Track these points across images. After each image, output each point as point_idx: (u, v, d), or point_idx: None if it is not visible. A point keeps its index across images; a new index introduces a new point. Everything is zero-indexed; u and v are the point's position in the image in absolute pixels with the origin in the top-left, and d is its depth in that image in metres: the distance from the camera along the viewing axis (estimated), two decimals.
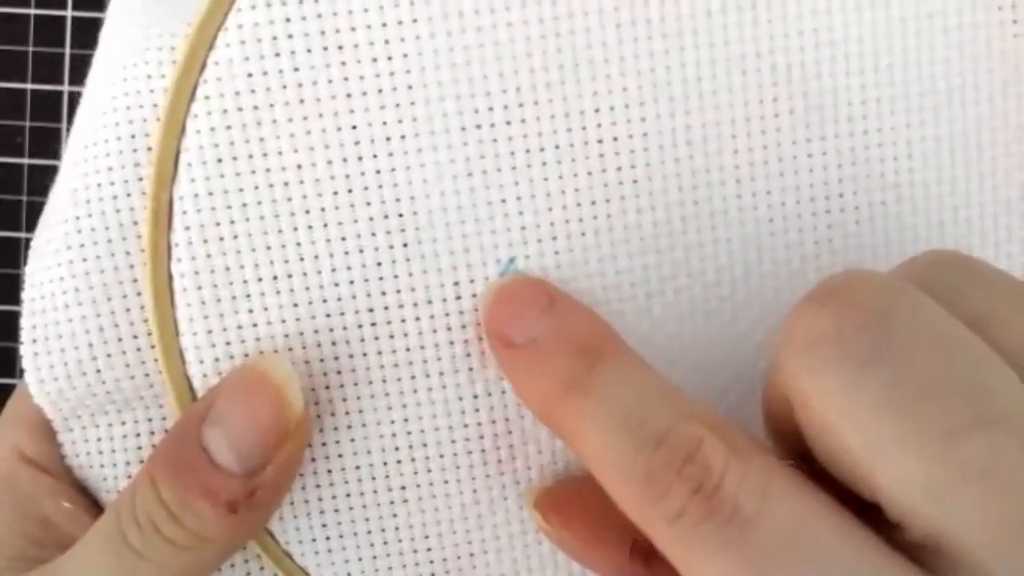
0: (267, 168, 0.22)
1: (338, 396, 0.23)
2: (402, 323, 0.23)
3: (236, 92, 0.22)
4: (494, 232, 0.23)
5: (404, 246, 0.23)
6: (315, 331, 0.23)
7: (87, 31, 0.50)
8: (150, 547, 0.21)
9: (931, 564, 0.16)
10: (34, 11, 0.50)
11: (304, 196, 0.23)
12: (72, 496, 0.24)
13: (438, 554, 0.24)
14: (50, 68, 0.50)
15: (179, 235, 0.23)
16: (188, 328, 0.23)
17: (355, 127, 0.22)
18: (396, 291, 0.23)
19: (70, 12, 0.50)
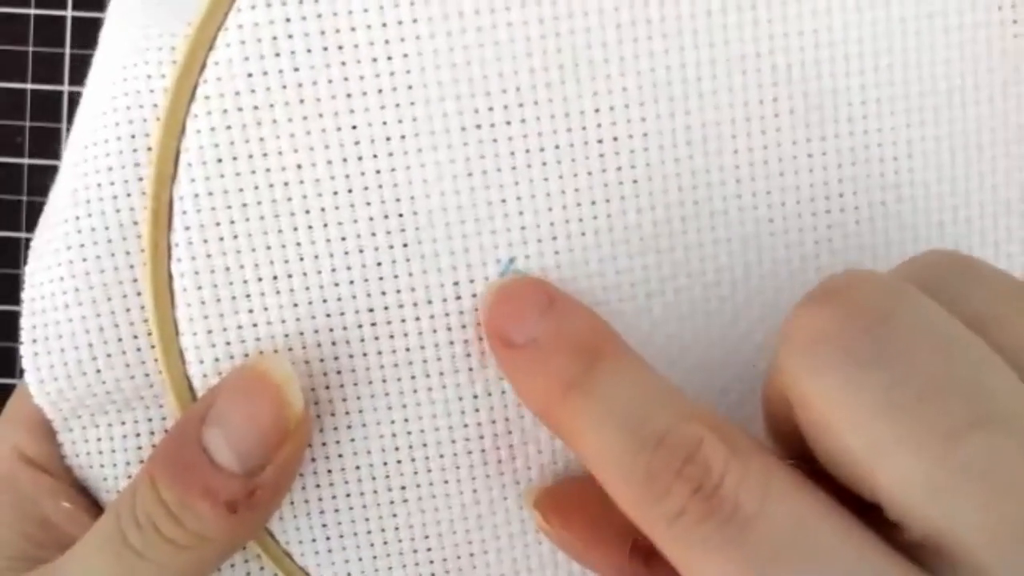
0: (267, 168, 0.22)
1: (338, 396, 0.23)
2: (402, 323, 0.23)
3: (236, 92, 0.22)
4: (494, 232, 0.23)
5: (404, 246, 0.23)
6: (315, 331, 0.23)
7: (87, 31, 0.50)
8: (150, 547, 0.21)
9: (931, 564, 0.16)
10: (34, 11, 0.50)
11: (304, 196, 0.23)
12: (72, 496, 0.24)
13: (438, 554, 0.24)
14: (50, 68, 0.50)
15: (179, 235, 0.23)
16: (188, 328, 0.23)
17: (355, 127, 0.22)
18: (396, 291, 0.23)
19: (70, 12, 0.50)
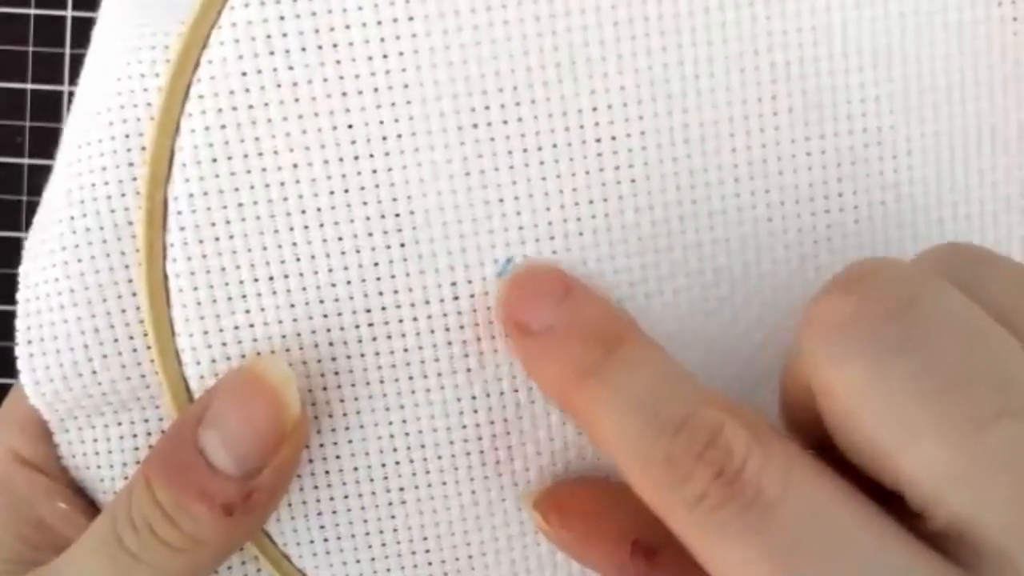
0: (262, 168, 0.22)
1: (336, 397, 0.23)
2: (400, 324, 0.23)
3: (230, 91, 0.22)
4: (491, 232, 0.23)
5: (401, 246, 0.23)
6: (312, 332, 0.23)
7: (87, 31, 0.50)
8: (146, 549, 0.21)
9: (953, 552, 0.16)
10: (34, 11, 0.50)
11: (300, 196, 0.22)
12: (68, 497, 0.24)
13: (436, 555, 0.24)
14: (50, 68, 0.50)
15: (174, 235, 0.23)
16: (184, 329, 0.23)
17: (351, 126, 0.22)
18: (393, 291, 0.23)
19: (70, 12, 0.50)
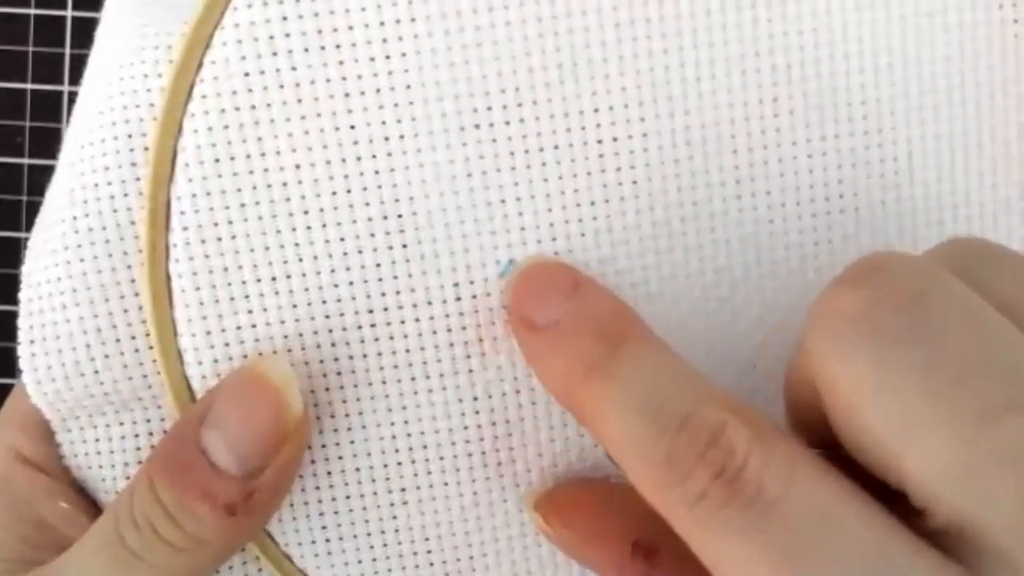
0: (265, 168, 0.22)
1: (338, 398, 0.23)
2: (402, 324, 0.23)
3: (233, 92, 0.22)
4: (493, 232, 0.23)
5: (403, 247, 0.23)
6: (314, 332, 0.23)
7: (87, 31, 0.50)
8: (148, 549, 0.21)
9: (954, 550, 0.16)
10: (34, 11, 0.50)
11: (303, 196, 0.23)
12: (70, 497, 0.24)
13: (438, 556, 0.24)
14: (50, 68, 0.50)
15: (177, 235, 0.23)
16: (187, 329, 0.23)
17: (353, 127, 0.22)
18: (395, 292, 0.23)
19: (70, 12, 0.50)
